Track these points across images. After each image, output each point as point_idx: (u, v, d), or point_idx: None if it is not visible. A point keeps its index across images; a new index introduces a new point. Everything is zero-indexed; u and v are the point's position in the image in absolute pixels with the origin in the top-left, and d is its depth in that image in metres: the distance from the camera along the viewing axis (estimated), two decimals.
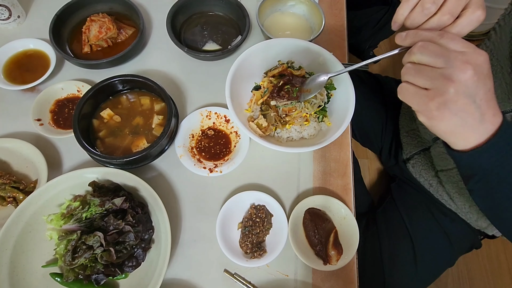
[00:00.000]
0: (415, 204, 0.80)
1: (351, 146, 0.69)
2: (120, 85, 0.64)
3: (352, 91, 0.63)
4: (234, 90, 0.64)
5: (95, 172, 0.57)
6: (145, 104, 0.65)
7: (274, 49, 0.68)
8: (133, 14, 0.76)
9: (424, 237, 0.76)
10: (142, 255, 0.54)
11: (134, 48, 0.72)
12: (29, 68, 0.70)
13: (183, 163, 0.61)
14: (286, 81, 0.63)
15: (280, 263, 0.58)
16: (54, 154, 0.64)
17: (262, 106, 0.63)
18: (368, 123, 0.96)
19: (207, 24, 0.78)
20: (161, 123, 0.63)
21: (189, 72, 0.74)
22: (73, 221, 0.51)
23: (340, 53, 0.79)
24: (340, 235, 0.60)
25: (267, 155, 0.66)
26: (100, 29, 0.72)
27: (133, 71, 0.73)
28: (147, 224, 0.56)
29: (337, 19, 0.85)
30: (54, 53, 0.69)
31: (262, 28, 0.73)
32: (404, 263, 0.75)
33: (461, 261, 1.25)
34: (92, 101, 0.63)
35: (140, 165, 0.60)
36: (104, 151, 0.61)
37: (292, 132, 0.64)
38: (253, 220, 0.58)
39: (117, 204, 0.52)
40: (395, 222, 0.79)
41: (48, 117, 0.66)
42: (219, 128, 0.67)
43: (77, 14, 0.75)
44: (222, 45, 0.76)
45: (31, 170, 0.61)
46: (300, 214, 0.61)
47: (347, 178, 0.66)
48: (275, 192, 0.64)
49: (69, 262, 0.47)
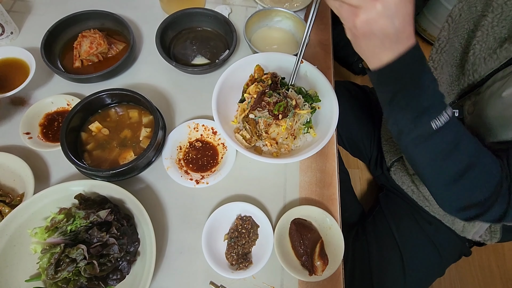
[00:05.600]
0: (402, 213, 0.81)
1: (337, 157, 0.71)
2: (109, 99, 0.66)
3: (336, 103, 0.64)
4: (222, 102, 0.65)
5: (82, 184, 0.57)
6: (133, 117, 0.67)
7: (261, 62, 0.71)
8: (124, 30, 0.78)
9: (412, 246, 0.76)
10: (127, 268, 0.53)
11: (124, 63, 0.74)
12: (7, 78, 0.70)
13: (170, 175, 0.62)
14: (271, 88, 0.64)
15: (266, 274, 0.58)
16: (42, 167, 0.64)
17: (244, 119, 0.65)
18: (357, 134, 0.98)
19: (196, 39, 0.81)
20: (149, 136, 0.64)
21: (178, 85, 0.76)
22: (58, 234, 0.51)
23: (325, 66, 0.81)
24: (326, 245, 0.60)
25: (253, 166, 0.67)
26: (91, 45, 0.74)
27: (123, 85, 0.75)
28: (133, 237, 0.56)
29: (323, 33, 0.87)
30: (34, 61, 0.69)
31: (249, 43, 0.75)
32: (392, 273, 0.75)
33: (453, 270, 1.25)
34: (81, 115, 0.64)
35: (127, 177, 0.61)
36: (92, 163, 0.61)
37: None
38: (239, 231, 0.59)
39: (102, 216, 0.52)
40: (383, 232, 0.80)
41: (38, 131, 0.67)
42: (206, 140, 0.68)
43: (68, 30, 0.77)
44: (210, 59, 0.78)
45: (18, 183, 0.61)
46: (286, 225, 0.61)
47: (333, 188, 0.67)
48: (261, 203, 0.64)
49: (51, 275, 0.47)
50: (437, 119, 0.44)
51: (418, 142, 0.46)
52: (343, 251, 0.58)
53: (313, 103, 0.68)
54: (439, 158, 0.46)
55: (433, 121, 0.44)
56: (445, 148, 0.45)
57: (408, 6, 0.38)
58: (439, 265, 0.78)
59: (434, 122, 0.44)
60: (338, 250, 0.59)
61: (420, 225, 0.77)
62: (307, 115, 0.66)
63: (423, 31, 1.85)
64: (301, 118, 0.65)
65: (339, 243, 0.59)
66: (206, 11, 0.80)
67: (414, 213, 0.79)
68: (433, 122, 0.44)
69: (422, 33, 1.87)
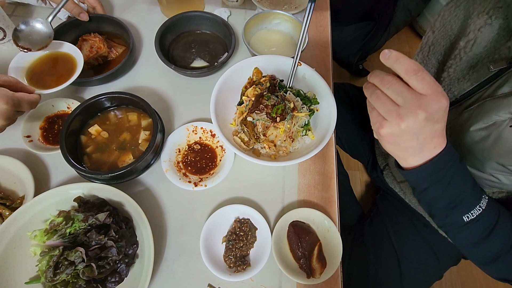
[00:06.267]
0: (398, 215, 0.81)
1: (335, 159, 0.71)
2: (108, 102, 0.66)
3: (334, 105, 0.64)
4: (220, 105, 0.65)
5: (81, 187, 0.58)
6: (132, 120, 0.67)
7: (259, 65, 0.71)
8: (124, 33, 0.79)
9: (409, 249, 0.76)
10: (125, 271, 0.54)
11: (124, 66, 0.74)
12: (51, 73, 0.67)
13: (169, 178, 0.62)
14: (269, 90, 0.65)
15: (264, 277, 0.58)
16: (42, 169, 0.65)
17: (242, 121, 0.65)
18: (356, 136, 0.98)
19: (195, 42, 0.81)
20: (148, 139, 0.65)
21: (177, 88, 0.77)
22: (57, 236, 0.51)
23: (324, 69, 0.82)
24: (324, 248, 0.60)
25: (252, 169, 0.68)
26: (91, 48, 0.74)
27: (123, 88, 0.76)
28: (131, 239, 0.56)
29: (321, 35, 0.88)
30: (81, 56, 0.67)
31: (248, 46, 0.76)
32: (389, 276, 0.75)
33: (454, 273, 1.24)
34: (81, 118, 0.64)
35: (125, 180, 0.61)
36: (91, 166, 0.62)
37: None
38: (237, 234, 0.59)
39: (100, 219, 0.52)
40: (380, 234, 0.80)
41: (38, 134, 0.68)
42: (205, 143, 0.69)
43: (69, 34, 0.78)
44: (209, 62, 0.79)
45: (18, 186, 0.62)
46: (284, 227, 0.61)
47: (332, 191, 0.67)
48: (259, 205, 0.64)
49: (50, 278, 0.48)
50: (469, 213, 0.45)
51: (449, 229, 0.48)
52: (341, 254, 0.58)
53: (311, 106, 0.68)
54: (472, 244, 0.48)
55: (465, 216, 0.45)
56: (478, 236, 0.46)
57: (436, 126, 0.39)
58: (437, 268, 0.77)
59: (466, 216, 0.45)
60: (336, 253, 0.59)
61: (417, 228, 0.77)
62: (305, 118, 0.66)
63: (424, 32, 1.84)
64: (299, 121, 0.65)
65: (337, 246, 0.59)
66: (205, 14, 0.80)
67: (410, 215, 0.79)
68: (465, 216, 0.45)
69: (423, 34, 1.86)
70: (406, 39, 1.91)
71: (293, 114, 0.64)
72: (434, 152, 0.42)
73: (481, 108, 0.49)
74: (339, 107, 0.64)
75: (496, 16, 0.51)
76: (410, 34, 1.93)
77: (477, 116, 0.50)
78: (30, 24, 0.64)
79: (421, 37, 1.88)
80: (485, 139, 0.48)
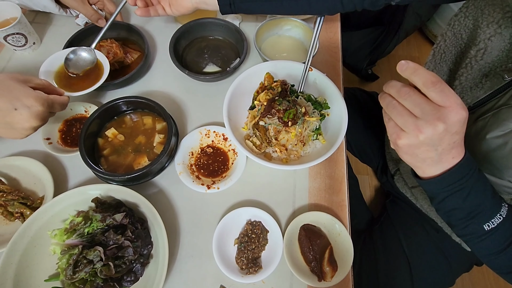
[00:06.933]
0: (409, 220, 0.81)
1: (346, 163, 0.71)
2: (124, 106, 0.68)
3: (345, 109, 0.65)
4: (232, 109, 0.67)
5: (98, 188, 0.60)
6: (147, 123, 0.69)
7: (271, 70, 0.72)
8: (139, 39, 0.81)
9: (420, 254, 0.76)
10: (141, 270, 0.55)
11: (139, 71, 0.76)
12: (77, 77, 0.72)
13: (182, 180, 0.64)
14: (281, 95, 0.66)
15: (276, 279, 0.59)
16: (60, 171, 0.67)
17: (254, 126, 0.66)
18: (365, 140, 0.98)
19: (208, 47, 0.83)
20: (162, 142, 0.67)
21: (191, 92, 0.78)
22: (76, 236, 0.53)
23: (334, 74, 0.82)
24: (335, 252, 0.61)
25: (263, 172, 0.69)
26: (107, 54, 0.77)
27: (138, 92, 0.78)
28: (146, 239, 0.57)
29: (331, 41, 0.89)
30: (108, 62, 0.72)
31: (259, 51, 0.77)
32: (400, 281, 0.75)
33: (466, 280, 1.22)
34: (98, 121, 0.66)
35: (141, 182, 0.63)
36: (108, 168, 0.64)
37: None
38: (248, 236, 0.60)
39: (117, 219, 0.54)
40: (390, 239, 0.79)
41: (57, 136, 0.70)
42: (217, 146, 0.70)
43: (87, 41, 0.80)
44: (222, 67, 0.80)
45: (38, 186, 0.64)
46: (296, 230, 0.62)
47: (342, 195, 0.67)
48: (271, 208, 0.65)
49: (70, 276, 0.49)
50: (490, 222, 0.44)
51: (470, 239, 0.48)
52: (352, 258, 0.58)
53: (322, 110, 0.69)
54: (493, 253, 0.47)
55: (486, 225, 0.45)
56: (500, 244, 0.46)
57: (455, 137, 0.39)
58: (449, 274, 0.76)
59: (486, 225, 0.45)
60: (347, 256, 0.59)
61: (428, 233, 0.76)
62: (316, 122, 0.67)
63: (434, 37, 1.84)
64: (310, 125, 0.66)
65: (348, 250, 0.59)
66: (217, 21, 0.82)
67: (422, 220, 0.79)
68: (486, 225, 0.45)
69: (432, 39, 1.86)
70: (416, 44, 1.91)
71: (304, 119, 0.65)
72: (452, 162, 0.42)
73: (497, 116, 0.49)
74: (348, 112, 0.64)
75: (505, 25, 0.51)
76: (419, 39, 1.92)
77: (492, 124, 0.49)
78: (77, 53, 0.73)
79: (430, 41, 1.87)
80: (502, 147, 0.48)
